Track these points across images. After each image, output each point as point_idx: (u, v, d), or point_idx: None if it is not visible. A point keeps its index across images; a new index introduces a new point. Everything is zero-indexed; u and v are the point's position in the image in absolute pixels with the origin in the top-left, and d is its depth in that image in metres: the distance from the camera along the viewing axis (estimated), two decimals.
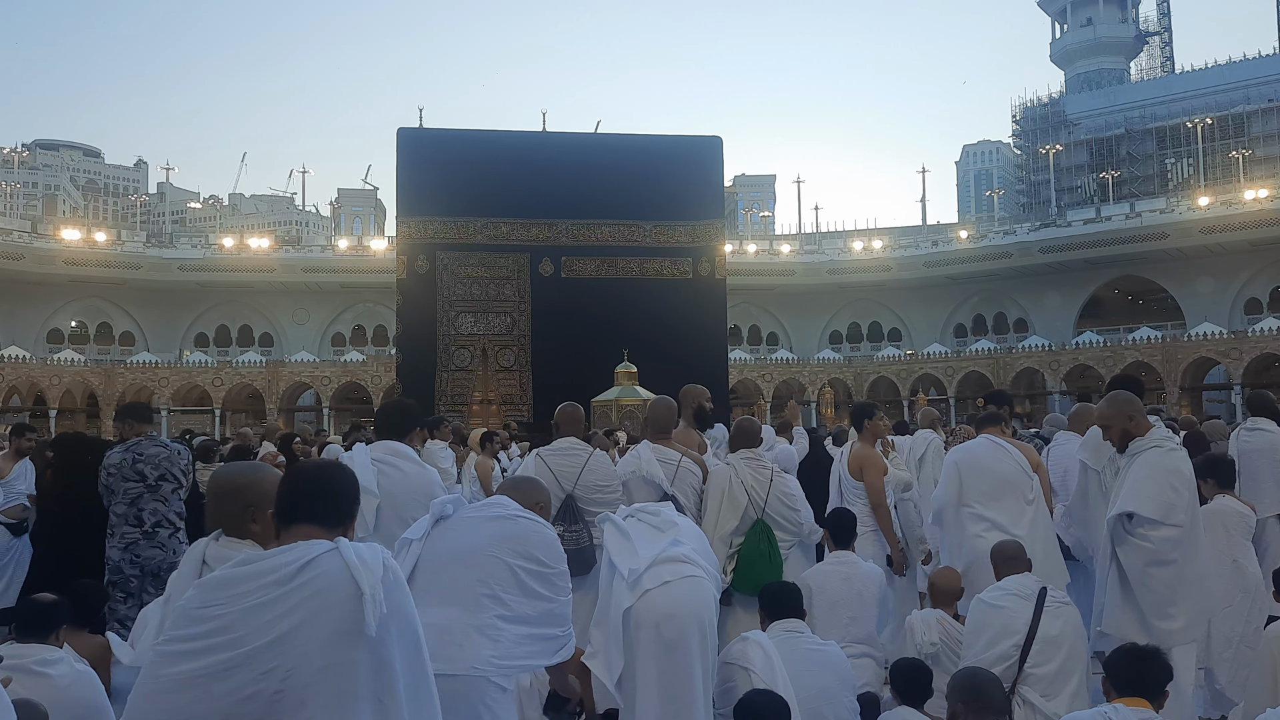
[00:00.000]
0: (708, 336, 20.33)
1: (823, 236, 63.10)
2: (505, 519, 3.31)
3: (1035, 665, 4.20)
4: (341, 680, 2.04)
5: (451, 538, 3.26)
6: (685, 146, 21.40)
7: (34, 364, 44.70)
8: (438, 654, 2.83)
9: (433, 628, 2.83)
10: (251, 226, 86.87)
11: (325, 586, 2.07)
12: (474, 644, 3.07)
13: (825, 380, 48.86)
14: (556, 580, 3.26)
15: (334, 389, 46.54)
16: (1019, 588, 4.41)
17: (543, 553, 3.25)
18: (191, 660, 2.03)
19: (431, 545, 3.24)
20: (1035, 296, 53.25)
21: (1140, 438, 4.53)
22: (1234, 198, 47.58)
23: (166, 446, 6.28)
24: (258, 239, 56.33)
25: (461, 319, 19.92)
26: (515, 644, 3.14)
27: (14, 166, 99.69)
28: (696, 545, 4.35)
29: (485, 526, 3.28)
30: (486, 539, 3.23)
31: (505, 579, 3.16)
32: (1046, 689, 4.17)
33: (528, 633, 3.17)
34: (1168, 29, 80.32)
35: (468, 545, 3.22)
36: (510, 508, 3.38)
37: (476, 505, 3.55)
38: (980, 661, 4.17)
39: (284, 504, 2.29)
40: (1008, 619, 4.29)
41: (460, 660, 3.05)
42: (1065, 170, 65.11)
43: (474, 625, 3.10)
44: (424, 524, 3.31)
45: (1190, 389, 43.06)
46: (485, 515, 3.36)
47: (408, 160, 20.19)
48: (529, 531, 3.29)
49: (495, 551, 3.19)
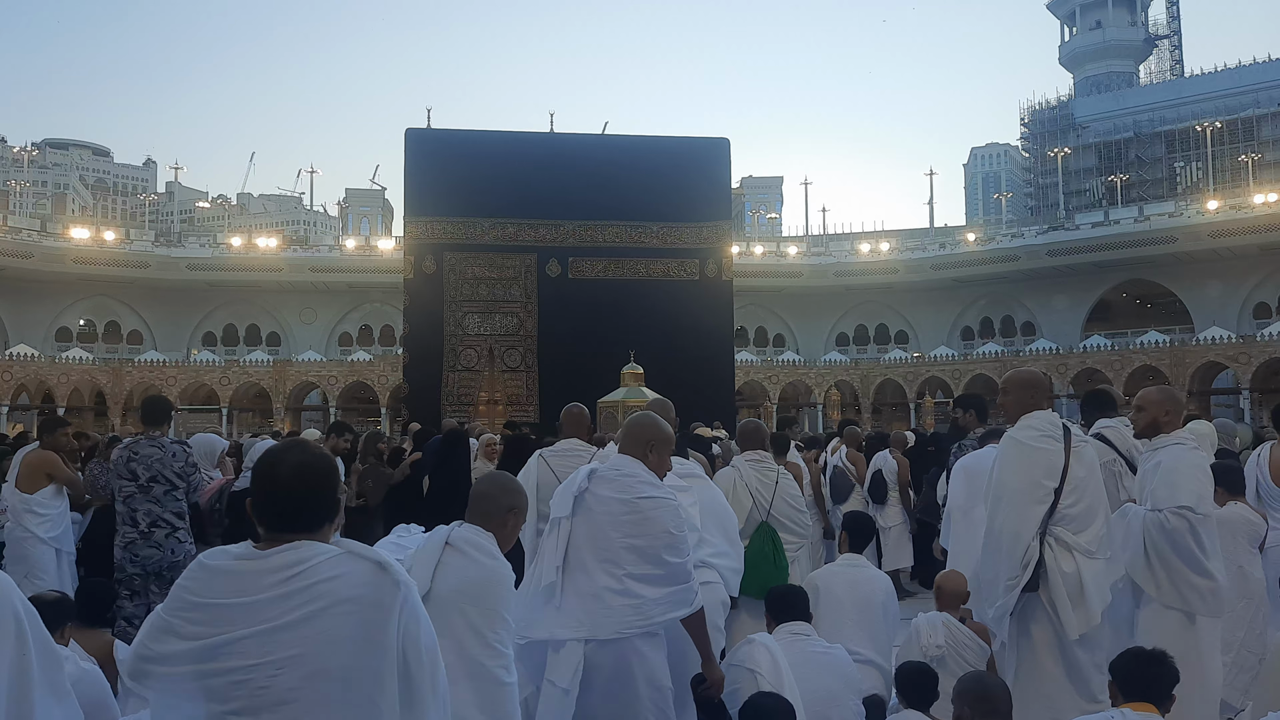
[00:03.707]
0: (714, 338, 20.33)
1: (830, 238, 63.02)
2: (627, 501, 3.70)
3: (1070, 504, 4.22)
4: (354, 684, 2.04)
5: (588, 515, 3.72)
6: (692, 148, 21.42)
7: (42, 362, 44.83)
8: (589, 622, 3.55)
9: (586, 596, 3.61)
10: (259, 226, 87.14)
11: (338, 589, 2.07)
12: (618, 610, 3.58)
13: (832, 382, 48.76)
14: (679, 544, 3.70)
15: (340, 389, 46.59)
16: (1048, 425, 4.38)
17: (670, 524, 3.68)
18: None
19: (576, 523, 3.72)
20: (1043, 300, 53.11)
21: (1165, 434, 4.68)
22: (1243, 202, 47.39)
23: (162, 447, 6.24)
24: (265, 238, 56.46)
25: (468, 319, 19.95)
26: (653, 604, 3.61)
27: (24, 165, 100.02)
28: (718, 540, 4.64)
29: (614, 505, 3.70)
30: (616, 517, 3.67)
31: (636, 553, 3.63)
32: (1076, 526, 4.20)
33: (663, 592, 3.62)
34: (1177, 32, 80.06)
35: (603, 524, 3.68)
36: (637, 487, 3.73)
37: (603, 480, 3.82)
38: (1022, 506, 4.19)
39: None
40: (1050, 460, 4.27)
41: (608, 625, 3.57)
42: (1073, 173, 64.95)
43: (615, 591, 3.60)
44: (567, 504, 3.74)
45: (1199, 393, 42.89)
46: (613, 495, 3.73)
47: (415, 161, 20.24)
48: (654, 509, 3.68)
49: (626, 531, 3.65)
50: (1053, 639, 4.17)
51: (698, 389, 16.26)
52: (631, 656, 3.60)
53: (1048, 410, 4.52)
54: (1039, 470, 4.25)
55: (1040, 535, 4.18)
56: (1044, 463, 4.25)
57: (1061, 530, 4.19)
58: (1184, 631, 4.40)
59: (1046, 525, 4.20)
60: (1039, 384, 4.66)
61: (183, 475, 6.24)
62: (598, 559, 3.66)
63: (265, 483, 2.16)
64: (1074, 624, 4.09)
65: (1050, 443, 4.30)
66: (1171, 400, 4.83)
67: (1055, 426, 4.36)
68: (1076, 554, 4.15)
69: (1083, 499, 4.23)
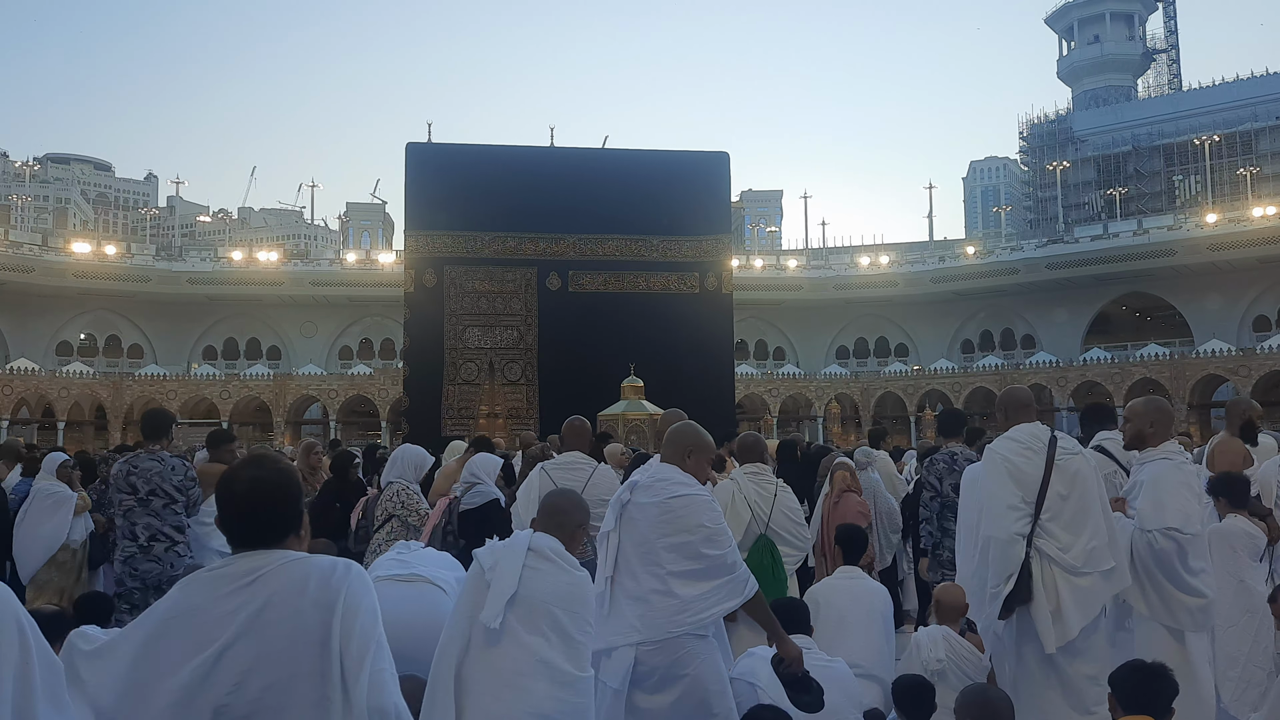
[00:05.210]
0: (714, 351, 20.33)
1: (830, 252, 63.11)
2: (660, 503, 3.82)
3: (1050, 518, 4.20)
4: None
5: (631, 525, 3.87)
6: (692, 162, 21.46)
7: (43, 376, 44.82)
8: (639, 625, 3.69)
9: (635, 601, 3.76)
10: (260, 240, 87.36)
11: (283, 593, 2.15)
12: (664, 611, 3.70)
13: (832, 395, 48.79)
14: (716, 536, 3.80)
15: (340, 402, 46.57)
16: (1030, 438, 4.37)
17: (704, 518, 3.79)
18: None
19: (622, 534, 3.87)
20: (1042, 313, 53.15)
21: (1152, 448, 4.69)
22: (1242, 215, 47.50)
23: (162, 461, 6.23)
24: (266, 252, 56.55)
25: (469, 333, 19.96)
26: (699, 601, 3.72)
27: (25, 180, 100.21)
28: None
29: (650, 510, 3.83)
30: (653, 521, 3.79)
31: (675, 550, 3.74)
32: (1061, 540, 4.19)
33: (708, 587, 3.73)
34: (1175, 46, 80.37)
35: (643, 530, 3.81)
36: (669, 489, 3.85)
37: (643, 489, 3.94)
38: (999, 515, 4.19)
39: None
40: (1025, 473, 4.27)
41: (656, 627, 3.69)
42: (1072, 187, 65.08)
43: (660, 593, 3.72)
44: (611, 518, 3.92)
45: (1198, 406, 42.87)
46: (649, 500, 3.85)
47: (416, 175, 20.28)
48: (684, 506, 3.80)
49: (662, 531, 3.76)
50: (1043, 651, 4.18)
51: (698, 402, 16.18)
52: (683, 656, 3.70)
53: (1034, 423, 4.52)
54: (1012, 482, 4.26)
55: (1027, 546, 4.19)
56: (1018, 476, 4.26)
57: (1045, 543, 4.20)
58: (1176, 646, 4.41)
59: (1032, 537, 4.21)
60: (1023, 401, 4.68)
61: (181, 489, 6.21)
62: (642, 564, 3.80)
63: (223, 500, 2.25)
64: (1050, 637, 4.09)
65: (1029, 455, 4.30)
66: (1158, 411, 4.81)
67: (1038, 439, 4.35)
68: (1057, 569, 4.15)
69: (1064, 512, 4.22)
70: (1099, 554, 4.21)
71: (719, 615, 3.83)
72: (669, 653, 3.69)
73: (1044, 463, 4.26)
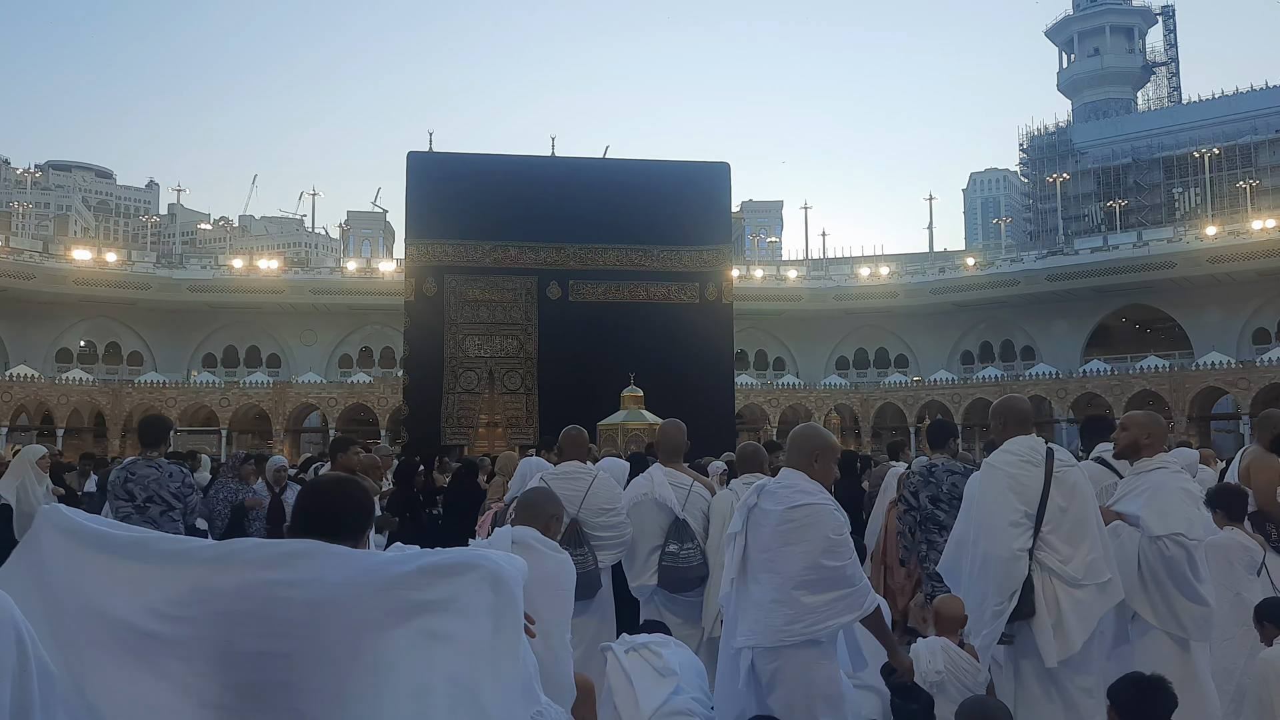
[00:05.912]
0: (714, 361, 20.32)
1: (830, 262, 63.19)
2: (783, 511, 3.86)
3: (1050, 530, 4.20)
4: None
5: (756, 529, 3.95)
6: (693, 172, 21.48)
7: (42, 383, 44.84)
8: (756, 630, 3.77)
9: (753, 605, 3.81)
10: (261, 248, 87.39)
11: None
12: (778, 618, 3.75)
13: (832, 406, 48.79)
14: (837, 549, 3.82)
15: (340, 410, 46.57)
16: (1028, 451, 4.35)
17: (827, 529, 3.82)
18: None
19: (749, 537, 3.95)
20: (1042, 325, 53.19)
21: (1147, 459, 4.74)
22: (1241, 228, 47.59)
23: (159, 468, 6.22)
24: (267, 260, 56.64)
25: (469, 341, 19.94)
26: (815, 611, 3.74)
27: (27, 187, 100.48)
28: (696, 689, 4.29)
29: (773, 517, 3.88)
30: (775, 528, 3.84)
31: (795, 559, 3.78)
32: (1061, 553, 4.19)
33: (826, 599, 3.76)
34: (1175, 59, 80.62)
35: (766, 536, 3.86)
36: (792, 497, 3.90)
37: (769, 494, 4.01)
38: (1000, 532, 4.17)
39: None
40: (1025, 486, 4.25)
41: (769, 634, 3.75)
42: (1072, 199, 65.22)
43: (776, 600, 3.77)
44: (739, 521, 4.00)
45: (1198, 418, 42.88)
46: (774, 507, 3.90)
47: (417, 183, 20.30)
48: (806, 516, 3.83)
49: (784, 540, 3.81)
50: (1041, 664, 4.17)
51: (698, 412, 16.17)
52: (794, 665, 3.74)
53: (1030, 435, 4.51)
54: (1013, 496, 4.24)
55: (1029, 560, 4.18)
56: (1019, 489, 4.24)
57: (1046, 555, 4.18)
58: (1181, 657, 4.40)
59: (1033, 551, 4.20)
60: (1022, 413, 4.67)
61: (179, 496, 6.20)
62: (763, 569, 3.85)
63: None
64: (1051, 651, 4.08)
65: (1028, 468, 4.28)
66: (1155, 425, 4.88)
67: (1035, 452, 4.33)
68: (1058, 582, 4.14)
69: (1064, 525, 4.21)
70: (1097, 566, 4.20)
71: (836, 629, 3.84)
72: (782, 659, 3.76)
73: (1043, 475, 4.25)
